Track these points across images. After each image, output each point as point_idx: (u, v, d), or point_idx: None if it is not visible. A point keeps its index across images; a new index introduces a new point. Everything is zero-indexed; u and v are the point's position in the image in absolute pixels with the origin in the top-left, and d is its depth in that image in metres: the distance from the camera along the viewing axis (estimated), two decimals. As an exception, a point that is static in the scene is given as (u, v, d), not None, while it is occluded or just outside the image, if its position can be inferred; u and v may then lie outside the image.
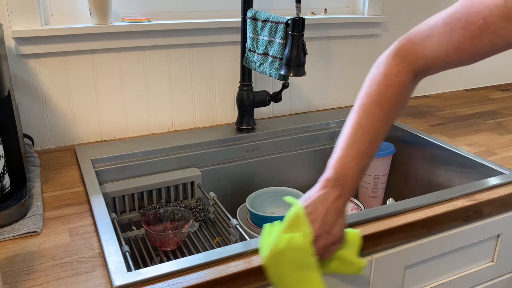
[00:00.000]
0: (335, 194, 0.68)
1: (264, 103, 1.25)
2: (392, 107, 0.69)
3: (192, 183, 1.12)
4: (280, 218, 1.02)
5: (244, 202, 1.10)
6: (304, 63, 1.02)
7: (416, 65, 0.67)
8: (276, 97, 1.24)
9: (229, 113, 1.35)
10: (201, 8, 1.28)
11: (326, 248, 0.67)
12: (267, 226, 0.72)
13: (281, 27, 1.04)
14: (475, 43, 0.58)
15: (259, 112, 1.39)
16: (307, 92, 1.46)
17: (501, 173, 1.02)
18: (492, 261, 1.02)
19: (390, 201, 1.25)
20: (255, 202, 1.10)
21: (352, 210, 1.22)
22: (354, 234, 0.73)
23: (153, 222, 1.00)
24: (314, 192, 0.69)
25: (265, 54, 1.10)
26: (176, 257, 0.96)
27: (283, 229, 0.67)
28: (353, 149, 0.69)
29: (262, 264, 0.68)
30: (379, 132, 0.69)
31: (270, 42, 1.08)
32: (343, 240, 0.70)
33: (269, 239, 0.68)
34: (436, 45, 0.63)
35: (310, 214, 0.67)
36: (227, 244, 0.95)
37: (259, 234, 0.99)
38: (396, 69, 0.68)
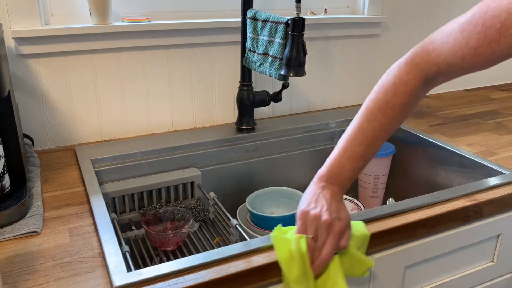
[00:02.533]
0: (329, 189, 0.72)
1: (264, 103, 1.25)
2: (396, 115, 0.71)
3: (192, 183, 1.12)
4: (280, 218, 1.02)
5: (244, 202, 1.10)
6: (304, 63, 1.01)
7: (428, 72, 0.69)
8: (276, 97, 1.24)
9: (229, 113, 1.35)
10: (201, 8, 1.28)
11: (342, 233, 0.69)
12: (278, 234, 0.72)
13: (281, 27, 1.03)
14: (493, 47, 0.59)
15: (259, 112, 1.39)
16: (307, 92, 1.45)
17: (501, 173, 1.02)
18: (492, 261, 1.02)
19: (390, 201, 1.24)
20: (255, 202, 1.10)
21: (352, 210, 1.22)
22: (360, 226, 0.76)
23: (153, 222, 1.00)
24: (310, 189, 0.74)
25: (265, 54, 1.10)
26: (176, 257, 0.96)
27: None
28: (350, 151, 0.72)
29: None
30: (379, 138, 0.72)
31: (270, 42, 1.08)
32: (350, 226, 0.72)
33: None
34: (451, 51, 0.64)
35: (315, 208, 0.70)
36: (227, 244, 0.95)
37: (259, 234, 0.99)
38: (406, 77, 0.70)
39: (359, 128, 0.72)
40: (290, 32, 1.00)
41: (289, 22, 1.01)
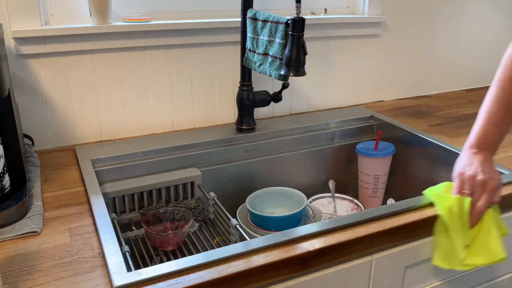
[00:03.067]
0: (481, 154, 0.85)
1: (264, 103, 1.25)
2: None
3: (192, 183, 1.12)
4: (280, 218, 1.02)
5: (244, 202, 1.10)
6: (304, 63, 1.02)
7: None
8: (276, 97, 1.24)
9: (229, 113, 1.35)
10: (201, 8, 1.28)
11: (495, 190, 0.83)
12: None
13: (281, 27, 1.04)
14: None
15: (259, 112, 1.39)
16: (307, 92, 1.46)
17: (501, 173, 1.02)
18: (492, 261, 1.02)
19: (390, 201, 1.24)
20: (255, 202, 1.10)
21: (352, 210, 1.22)
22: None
23: (153, 222, 1.00)
24: (464, 156, 0.87)
25: (265, 54, 1.10)
26: (176, 257, 0.96)
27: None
28: (492, 118, 0.85)
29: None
30: None
31: (270, 42, 1.08)
32: (501, 185, 0.85)
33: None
34: None
35: (470, 170, 0.83)
36: (227, 244, 0.95)
37: (259, 234, 0.99)
38: None
39: (496, 97, 0.84)
40: (290, 32, 1.00)
41: (289, 22, 1.01)
